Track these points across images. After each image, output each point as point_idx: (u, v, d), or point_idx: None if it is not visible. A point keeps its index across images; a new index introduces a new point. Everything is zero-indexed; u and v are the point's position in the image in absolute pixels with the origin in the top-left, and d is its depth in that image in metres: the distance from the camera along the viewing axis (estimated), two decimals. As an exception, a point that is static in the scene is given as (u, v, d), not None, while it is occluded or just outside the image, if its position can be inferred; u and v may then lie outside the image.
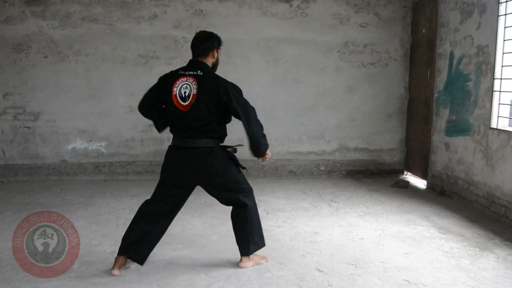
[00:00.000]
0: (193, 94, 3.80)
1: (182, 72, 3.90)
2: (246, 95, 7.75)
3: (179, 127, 3.90)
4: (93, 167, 7.50)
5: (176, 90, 3.83)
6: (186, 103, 3.81)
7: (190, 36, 7.25)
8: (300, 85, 7.65)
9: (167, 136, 7.46)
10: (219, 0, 7.39)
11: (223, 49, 7.29)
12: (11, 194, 6.58)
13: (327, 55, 7.66)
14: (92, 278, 3.89)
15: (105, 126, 7.47)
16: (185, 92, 3.82)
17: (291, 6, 7.51)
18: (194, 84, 3.81)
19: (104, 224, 5.27)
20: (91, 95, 7.39)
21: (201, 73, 3.86)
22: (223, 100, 3.82)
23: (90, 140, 7.45)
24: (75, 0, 7.20)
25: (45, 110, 7.36)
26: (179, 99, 3.83)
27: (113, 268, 3.96)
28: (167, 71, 7.80)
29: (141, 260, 4.04)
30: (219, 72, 4.11)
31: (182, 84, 3.84)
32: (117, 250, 4.06)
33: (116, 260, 3.99)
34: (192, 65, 3.95)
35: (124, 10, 7.29)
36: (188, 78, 3.85)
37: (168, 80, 3.92)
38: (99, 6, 7.25)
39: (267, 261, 4.23)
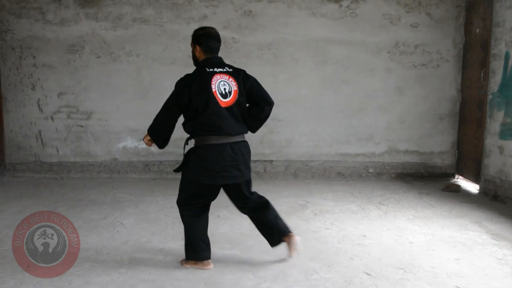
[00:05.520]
0: (235, 91, 3.90)
1: (211, 70, 3.94)
2: (294, 95, 7.73)
3: (219, 124, 3.88)
4: (143, 165, 7.63)
5: (214, 87, 3.86)
6: (228, 99, 3.88)
7: (239, 37, 7.43)
8: (349, 86, 7.57)
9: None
10: (268, 1, 7.40)
11: (271, 49, 7.39)
12: (64, 190, 6.77)
13: (376, 55, 7.56)
14: (141, 275, 3.95)
15: (155, 126, 7.57)
16: (224, 89, 3.88)
17: (340, 6, 7.44)
18: (232, 81, 3.92)
19: (153, 222, 5.34)
20: (142, 95, 7.52)
21: (231, 69, 3.99)
22: (248, 90, 3.99)
23: (141, 139, 7.58)
24: (126, 2, 7.36)
25: (97, 109, 7.55)
26: (219, 96, 3.85)
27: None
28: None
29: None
30: (267, 71, 4.02)
31: (219, 81, 3.89)
32: (166, 247, 4.20)
33: None
34: (218, 62, 4.03)
35: (174, 11, 7.39)
36: (222, 75, 3.92)
37: (196, 81, 3.93)
38: (150, 7, 7.38)
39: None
